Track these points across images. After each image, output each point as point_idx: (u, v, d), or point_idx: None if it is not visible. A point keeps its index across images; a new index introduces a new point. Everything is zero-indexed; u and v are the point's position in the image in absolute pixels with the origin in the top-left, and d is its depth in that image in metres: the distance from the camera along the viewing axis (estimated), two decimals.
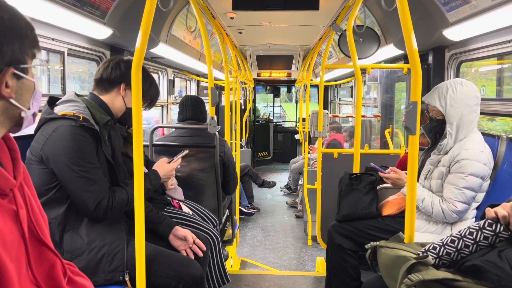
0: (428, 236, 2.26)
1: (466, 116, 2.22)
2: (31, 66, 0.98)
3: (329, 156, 3.91)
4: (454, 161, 2.21)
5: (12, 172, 1.01)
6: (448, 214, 2.20)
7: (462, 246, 1.42)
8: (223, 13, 3.82)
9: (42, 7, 2.03)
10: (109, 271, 1.70)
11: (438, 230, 2.27)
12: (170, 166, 2.12)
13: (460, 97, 2.22)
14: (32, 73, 0.99)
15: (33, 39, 0.98)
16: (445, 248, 1.45)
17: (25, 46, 0.95)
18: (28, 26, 0.96)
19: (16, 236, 0.98)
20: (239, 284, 3.32)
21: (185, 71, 5.75)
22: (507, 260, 1.25)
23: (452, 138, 2.25)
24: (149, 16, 1.47)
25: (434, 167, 2.34)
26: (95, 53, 3.04)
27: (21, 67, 0.95)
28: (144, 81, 1.85)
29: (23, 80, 0.97)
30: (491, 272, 1.28)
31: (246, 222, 5.56)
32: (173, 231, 2.03)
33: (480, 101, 2.29)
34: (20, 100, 0.97)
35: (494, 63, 3.12)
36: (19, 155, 1.05)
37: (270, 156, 10.61)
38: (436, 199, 2.24)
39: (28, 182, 1.12)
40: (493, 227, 1.38)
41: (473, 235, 1.41)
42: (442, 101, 2.25)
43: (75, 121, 1.69)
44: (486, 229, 1.39)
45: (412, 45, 1.55)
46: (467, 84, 2.26)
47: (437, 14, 2.77)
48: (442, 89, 2.27)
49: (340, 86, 8.30)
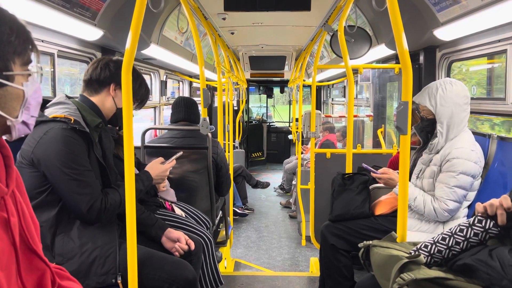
0: (420, 235, 2.27)
1: (457, 115, 2.24)
2: (16, 73, 0.94)
3: (322, 156, 3.92)
4: (445, 160, 2.23)
5: (5, 180, 0.99)
6: (440, 212, 2.21)
7: (453, 243, 1.43)
8: (214, 14, 3.81)
9: (31, 9, 2.01)
10: (101, 274, 1.68)
11: (430, 229, 2.28)
12: (164, 167, 2.10)
13: (450, 96, 2.24)
14: (21, 81, 0.96)
15: (19, 46, 0.95)
16: (436, 246, 1.46)
17: (7, 53, 0.92)
18: (13, 32, 0.93)
19: (6, 244, 0.96)
20: (233, 286, 3.31)
21: (177, 72, 5.73)
22: (497, 259, 1.26)
23: (443, 137, 2.26)
24: (139, 17, 1.46)
25: (426, 166, 2.35)
26: (85, 54, 3.01)
27: (4, 75, 0.91)
28: (134, 81, 1.83)
29: (7, 88, 0.93)
30: (482, 271, 1.28)
31: (240, 223, 5.55)
32: (166, 233, 2.02)
33: (470, 100, 2.31)
34: (5, 109, 0.94)
35: (484, 62, 3.15)
36: (13, 162, 1.03)
37: (264, 157, 10.61)
38: (428, 198, 2.25)
39: (21, 188, 1.11)
40: (483, 223, 1.39)
41: (463, 232, 1.42)
42: (432, 101, 2.26)
43: (66, 124, 1.68)
44: (476, 225, 1.40)
45: (402, 45, 1.56)
46: (456, 84, 2.28)
47: (427, 14, 2.79)
48: (432, 88, 2.29)
49: (332, 87, 8.32)
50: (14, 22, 0.95)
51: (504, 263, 1.24)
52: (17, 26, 0.95)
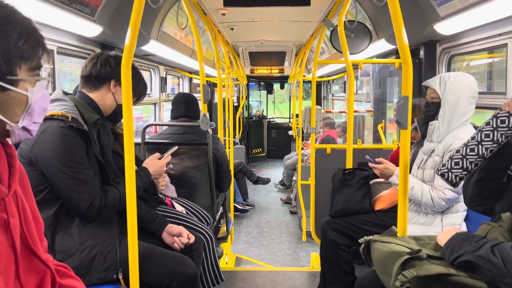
0: (418, 227, 2.26)
1: (461, 105, 2.23)
2: (20, 78, 0.92)
3: (323, 152, 3.92)
4: (448, 151, 2.22)
5: (7, 179, 0.98)
6: (437, 202, 2.20)
7: (483, 150, 1.43)
8: (214, 10, 3.80)
9: (30, 5, 2.00)
10: (102, 270, 1.68)
11: (427, 222, 2.28)
12: (160, 162, 2.09)
13: (460, 85, 2.24)
14: (27, 86, 0.94)
15: (27, 51, 0.93)
16: (467, 158, 1.47)
17: (12, 57, 0.90)
18: (22, 37, 0.92)
19: (5, 246, 0.95)
20: (234, 281, 3.32)
21: (177, 68, 5.72)
22: (500, 256, 1.25)
23: (443, 123, 2.26)
24: (138, 12, 1.46)
25: (428, 156, 2.34)
26: (85, 51, 3.00)
27: (7, 79, 0.90)
28: (133, 78, 1.84)
29: (9, 92, 0.91)
30: (484, 268, 1.28)
31: (241, 219, 5.56)
32: (167, 228, 2.02)
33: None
34: (6, 113, 0.91)
35: (485, 56, 3.14)
36: (17, 161, 1.01)
37: (264, 153, 10.61)
38: (425, 187, 2.25)
39: (27, 187, 1.09)
40: (506, 122, 1.40)
41: (489, 137, 1.42)
42: (442, 86, 2.27)
43: (64, 122, 1.67)
44: (500, 127, 1.41)
45: (403, 40, 1.55)
46: (469, 77, 2.29)
47: (428, 8, 2.78)
48: (444, 76, 2.30)
49: (333, 82, 8.31)
50: (26, 27, 0.93)
51: (507, 260, 1.23)
52: (28, 31, 0.93)
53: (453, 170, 1.47)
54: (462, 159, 1.47)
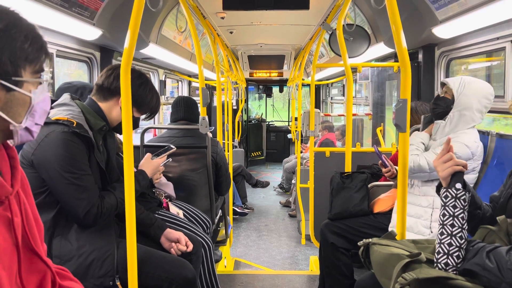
0: (408, 219, 2.25)
1: (472, 111, 2.24)
2: (25, 80, 0.95)
3: (321, 155, 3.92)
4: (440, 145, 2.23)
5: (10, 180, 1.00)
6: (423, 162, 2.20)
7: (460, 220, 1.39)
8: (213, 13, 3.81)
9: (29, 8, 2.01)
10: (98, 276, 1.68)
11: (418, 214, 2.28)
12: (156, 162, 2.09)
13: (477, 90, 2.26)
14: (30, 88, 0.97)
15: (32, 54, 0.96)
16: (454, 235, 1.42)
17: (18, 59, 0.93)
18: (27, 40, 0.95)
19: (9, 244, 0.97)
20: (233, 285, 3.31)
21: (176, 71, 5.73)
22: (495, 261, 1.25)
23: (450, 124, 2.27)
24: (137, 16, 1.46)
25: None
26: (84, 54, 3.01)
27: (12, 79, 0.92)
28: (147, 93, 1.89)
29: (14, 93, 0.94)
30: (480, 275, 1.29)
31: (240, 222, 5.55)
32: (165, 233, 2.02)
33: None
34: (10, 113, 0.94)
35: (483, 60, 3.15)
36: (18, 163, 1.04)
37: (263, 156, 10.60)
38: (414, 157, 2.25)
39: (27, 189, 1.11)
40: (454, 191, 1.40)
41: (456, 207, 1.40)
42: (461, 87, 2.28)
43: (68, 127, 1.67)
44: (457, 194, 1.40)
45: (401, 43, 1.56)
46: (488, 87, 2.30)
47: (426, 12, 2.79)
48: (466, 78, 2.31)
49: (332, 85, 8.32)
50: (31, 31, 0.97)
51: (502, 266, 1.23)
52: (33, 35, 0.97)
53: (450, 252, 1.42)
54: (451, 237, 1.42)
